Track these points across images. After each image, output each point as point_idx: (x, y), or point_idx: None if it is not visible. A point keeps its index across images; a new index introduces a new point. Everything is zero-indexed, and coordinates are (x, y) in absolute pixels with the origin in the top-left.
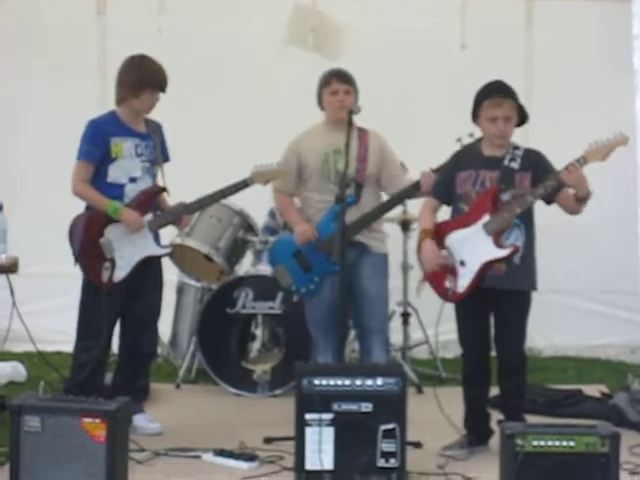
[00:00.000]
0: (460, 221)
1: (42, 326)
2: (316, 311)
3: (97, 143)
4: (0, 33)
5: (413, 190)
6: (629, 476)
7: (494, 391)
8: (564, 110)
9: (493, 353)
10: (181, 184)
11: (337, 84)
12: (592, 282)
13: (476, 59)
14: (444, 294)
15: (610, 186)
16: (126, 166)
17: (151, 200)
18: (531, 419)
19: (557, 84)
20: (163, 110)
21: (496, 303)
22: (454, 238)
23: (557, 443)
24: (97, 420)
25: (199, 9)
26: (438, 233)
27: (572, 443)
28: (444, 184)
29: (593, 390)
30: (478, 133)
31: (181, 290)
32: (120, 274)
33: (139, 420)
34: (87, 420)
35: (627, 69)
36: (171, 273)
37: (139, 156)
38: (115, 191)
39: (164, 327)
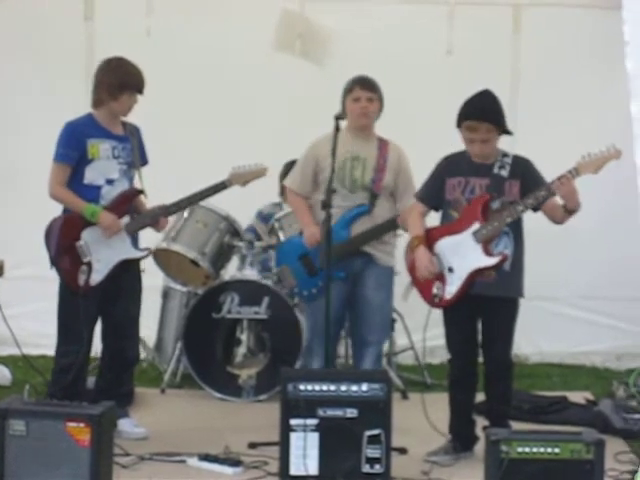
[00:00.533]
0: (450, 228)
1: (27, 329)
2: (316, 316)
3: (73, 145)
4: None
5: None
6: None
7: (480, 397)
8: (551, 116)
9: (480, 359)
10: (169, 185)
11: (360, 91)
12: (578, 289)
13: (463, 64)
14: (431, 300)
15: (596, 191)
16: (103, 167)
17: (128, 203)
18: (516, 425)
19: (544, 90)
20: (149, 111)
21: (484, 309)
22: (443, 245)
23: (542, 450)
24: (82, 424)
25: (187, 10)
26: (427, 239)
27: (557, 450)
28: (433, 190)
29: (578, 397)
30: None
31: (167, 294)
32: (97, 277)
33: (124, 424)
34: (72, 424)
35: (614, 75)
36: (156, 277)
37: (116, 158)
38: (91, 193)
39: (149, 331)
